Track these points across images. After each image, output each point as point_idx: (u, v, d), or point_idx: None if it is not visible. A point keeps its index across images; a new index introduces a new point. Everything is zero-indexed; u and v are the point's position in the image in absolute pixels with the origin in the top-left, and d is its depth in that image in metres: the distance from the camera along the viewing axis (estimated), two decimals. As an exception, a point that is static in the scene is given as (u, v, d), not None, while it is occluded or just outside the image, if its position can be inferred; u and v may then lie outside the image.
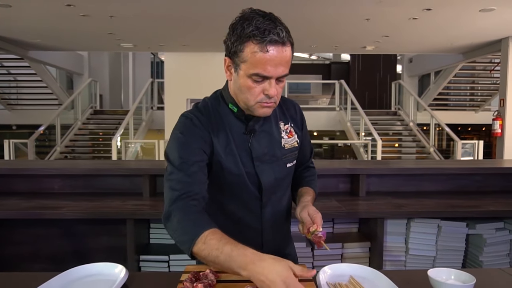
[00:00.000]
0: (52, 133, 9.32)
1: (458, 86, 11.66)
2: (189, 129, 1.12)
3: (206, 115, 1.15)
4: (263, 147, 1.18)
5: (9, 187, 2.46)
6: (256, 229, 1.22)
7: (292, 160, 1.25)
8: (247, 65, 1.03)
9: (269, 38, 1.00)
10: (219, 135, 1.14)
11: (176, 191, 1.04)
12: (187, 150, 1.09)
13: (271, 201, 1.22)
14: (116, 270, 1.10)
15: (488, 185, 2.51)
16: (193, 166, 1.07)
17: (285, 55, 1.03)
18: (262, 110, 1.10)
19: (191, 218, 1.00)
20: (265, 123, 1.20)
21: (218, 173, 1.15)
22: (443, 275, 1.01)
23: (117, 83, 13.37)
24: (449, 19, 6.04)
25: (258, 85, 1.06)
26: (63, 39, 7.69)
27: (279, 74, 1.04)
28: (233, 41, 1.06)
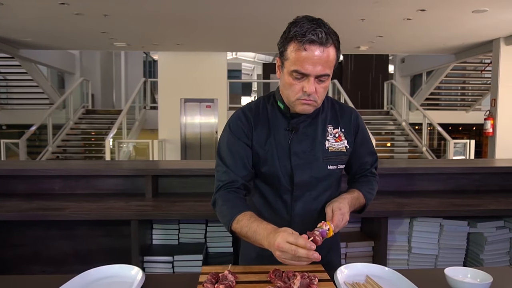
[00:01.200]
0: (44, 133, 9.20)
1: (449, 86, 11.81)
2: (235, 124, 1.28)
3: (254, 111, 1.29)
4: (303, 145, 1.25)
5: (7, 188, 2.42)
6: (285, 220, 1.29)
7: (337, 164, 1.29)
8: (289, 63, 1.14)
9: (307, 38, 1.09)
10: (261, 129, 1.27)
11: (220, 182, 1.24)
12: (232, 144, 1.26)
13: (304, 197, 1.28)
14: (132, 272, 1.10)
15: (486, 184, 2.54)
16: (236, 159, 1.24)
17: (324, 55, 1.11)
18: (301, 107, 1.19)
19: (229, 204, 1.18)
20: (311, 124, 1.27)
21: (257, 162, 1.28)
22: (459, 274, 1.02)
23: (109, 82, 13.25)
24: (443, 20, 6.11)
25: (298, 82, 1.15)
26: (55, 38, 7.60)
27: (318, 72, 1.12)
28: (281, 42, 1.17)
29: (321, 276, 1.06)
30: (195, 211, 2.05)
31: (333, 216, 1.14)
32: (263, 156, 1.26)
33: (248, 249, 1.37)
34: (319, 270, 1.12)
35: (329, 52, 1.12)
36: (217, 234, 2.24)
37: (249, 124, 1.27)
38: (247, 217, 1.12)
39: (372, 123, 10.29)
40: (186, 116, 10.04)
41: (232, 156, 1.24)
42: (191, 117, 10.04)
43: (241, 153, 1.25)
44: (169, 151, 9.59)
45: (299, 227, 1.23)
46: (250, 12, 5.75)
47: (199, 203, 2.15)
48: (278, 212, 1.29)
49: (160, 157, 8.88)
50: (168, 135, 9.55)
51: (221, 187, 1.23)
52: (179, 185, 2.49)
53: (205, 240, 2.26)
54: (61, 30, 6.87)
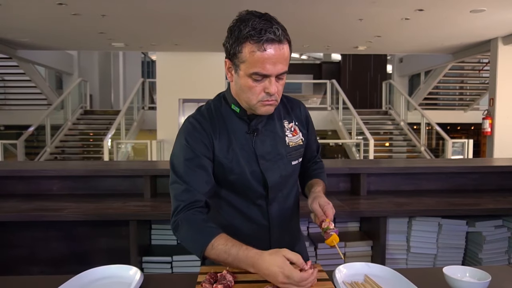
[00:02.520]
0: (42, 134, 9.18)
1: (448, 86, 11.83)
2: (191, 134, 1.16)
3: (208, 118, 1.19)
4: (267, 145, 1.20)
5: (5, 189, 2.41)
6: (264, 225, 1.24)
7: (297, 158, 1.27)
8: (246, 65, 1.07)
9: (265, 37, 1.03)
10: (221, 137, 1.18)
11: (181, 202, 1.11)
12: (191, 158, 1.14)
13: (277, 198, 1.24)
14: (130, 272, 1.09)
15: (484, 183, 2.55)
16: (196, 173, 1.13)
17: (282, 53, 1.06)
18: (264, 109, 1.13)
19: (197, 227, 1.07)
20: (269, 122, 1.22)
21: (222, 173, 1.18)
22: (458, 273, 1.02)
23: (107, 83, 13.23)
24: (441, 19, 6.12)
25: (258, 84, 1.09)
26: (53, 38, 7.58)
27: (278, 71, 1.07)
28: (232, 43, 1.09)
29: (320, 276, 1.06)
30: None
31: (325, 211, 1.14)
32: (227, 165, 1.17)
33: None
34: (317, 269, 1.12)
35: (285, 49, 1.08)
36: (215, 234, 2.24)
37: (207, 133, 1.16)
38: (222, 242, 1.02)
39: (371, 123, 10.30)
40: (184, 117, 9.97)
41: (191, 172, 1.13)
42: (190, 117, 10.01)
43: (202, 168, 1.14)
44: (168, 152, 9.55)
45: (277, 230, 1.25)
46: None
47: (198, 203, 2.15)
48: (254, 219, 1.23)
49: (158, 158, 8.87)
50: (167, 135, 9.53)
51: (182, 208, 1.10)
52: (178, 185, 2.48)
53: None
54: (59, 30, 6.85)
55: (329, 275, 1.09)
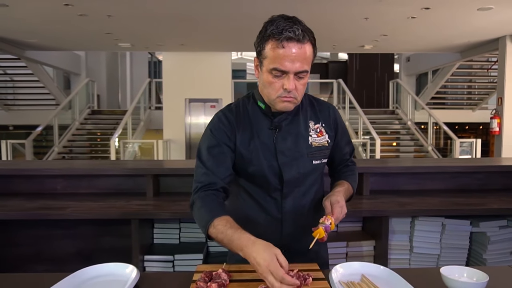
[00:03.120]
0: (50, 134, 9.27)
1: (456, 85, 11.70)
2: (217, 126, 1.27)
3: (235, 112, 1.29)
4: (288, 142, 1.26)
5: (10, 188, 2.44)
6: (277, 218, 1.29)
7: (320, 158, 1.31)
8: (267, 61, 1.15)
9: (285, 35, 1.10)
10: (244, 130, 1.26)
11: (199, 183, 1.22)
12: (213, 146, 1.24)
13: (293, 193, 1.29)
14: (127, 270, 1.10)
15: (489, 183, 2.52)
16: (216, 159, 1.23)
17: (302, 52, 1.13)
18: (282, 105, 1.19)
19: (207, 206, 1.16)
20: (293, 121, 1.29)
21: (242, 164, 1.27)
22: (455, 273, 1.01)
23: (114, 83, 13.32)
24: (448, 18, 6.06)
25: (278, 80, 1.16)
26: (60, 39, 7.65)
27: (296, 69, 1.13)
28: (258, 42, 1.18)
29: (316, 275, 1.06)
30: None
31: (332, 209, 1.16)
32: (247, 157, 1.25)
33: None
34: (314, 269, 1.12)
35: (306, 48, 1.14)
36: (218, 233, 2.24)
37: (231, 126, 1.26)
38: (223, 222, 1.09)
39: (378, 123, 10.24)
40: (190, 116, 10.06)
41: (213, 159, 1.23)
42: (196, 117, 10.06)
43: (222, 155, 1.24)
44: (174, 151, 9.62)
45: (290, 224, 1.28)
46: (253, 12, 5.74)
47: (200, 203, 2.15)
48: (269, 211, 1.29)
49: (165, 157, 8.91)
50: (173, 135, 9.58)
51: (199, 189, 1.21)
52: (180, 185, 2.49)
53: (206, 240, 2.26)
54: (66, 31, 6.92)
55: (326, 274, 1.09)
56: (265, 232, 1.18)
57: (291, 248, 1.26)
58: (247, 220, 1.24)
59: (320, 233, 1.11)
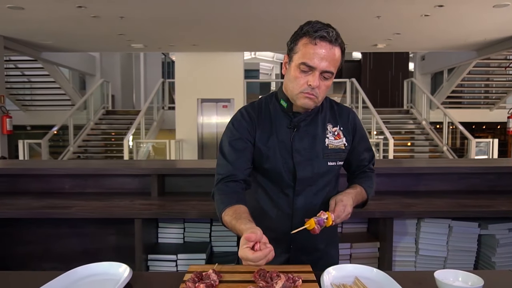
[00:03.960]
0: (66, 134, 9.45)
1: (472, 84, 11.46)
2: (238, 121, 1.34)
3: (257, 109, 1.36)
4: (304, 142, 1.31)
5: (21, 187, 2.50)
6: (287, 214, 1.34)
7: (336, 160, 1.35)
8: (298, 56, 1.21)
9: (319, 34, 1.18)
10: (264, 127, 1.32)
11: (220, 175, 1.29)
12: (234, 139, 1.31)
13: (305, 192, 1.33)
14: (120, 269, 1.11)
15: (501, 184, 2.45)
16: (236, 152, 1.29)
17: (332, 53, 1.19)
18: (304, 101, 1.24)
19: (223, 196, 1.24)
20: (312, 123, 1.33)
21: (259, 159, 1.33)
22: (450, 277, 0.98)
23: (129, 83, 13.49)
24: (462, 15, 5.93)
25: (304, 76, 1.21)
26: (74, 41, 7.78)
27: (323, 68, 1.19)
28: (292, 40, 1.25)
29: (307, 277, 1.05)
30: (199, 210, 2.05)
31: (335, 207, 1.19)
32: (265, 153, 1.31)
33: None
34: (307, 270, 1.10)
35: (335, 51, 1.20)
36: (221, 233, 2.24)
37: (252, 122, 1.33)
38: (230, 212, 1.16)
39: (392, 122, 10.11)
40: (202, 116, 10.11)
41: (233, 151, 1.30)
42: (208, 117, 10.11)
43: (243, 148, 1.30)
44: (186, 151, 9.68)
45: (300, 220, 1.30)
46: (265, 12, 5.73)
47: (204, 202, 2.15)
48: (280, 206, 1.34)
49: (177, 157, 8.98)
50: (185, 135, 9.64)
51: (220, 180, 1.28)
52: (186, 185, 2.50)
53: (210, 239, 2.27)
54: (79, 32, 7.03)
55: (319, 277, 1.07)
56: (276, 227, 1.29)
57: (299, 244, 1.33)
58: (261, 213, 1.33)
59: (311, 224, 1.13)
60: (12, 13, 5.73)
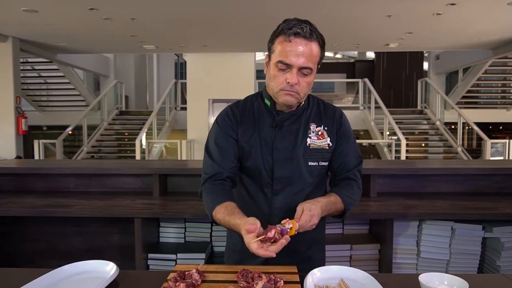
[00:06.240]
0: (80, 134, 9.62)
1: (489, 83, 11.20)
2: (223, 120, 1.35)
3: (241, 108, 1.36)
4: (286, 141, 1.30)
5: (29, 186, 2.56)
6: (266, 213, 1.33)
7: (318, 160, 1.33)
8: (275, 55, 1.22)
9: (292, 30, 1.17)
10: (247, 125, 1.33)
11: (206, 174, 1.31)
12: (219, 138, 1.32)
13: (285, 191, 1.32)
14: (107, 267, 1.12)
15: (508, 186, 2.39)
16: (221, 150, 1.30)
17: (308, 49, 1.18)
18: (285, 98, 1.24)
19: (212, 195, 1.25)
20: (295, 122, 1.32)
21: (242, 156, 1.34)
22: (435, 280, 0.96)
23: (142, 84, 13.64)
24: (475, 13, 5.81)
25: (282, 74, 1.21)
26: (87, 42, 7.91)
27: (300, 64, 1.18)
28: (270, 39, 1.26)
29: (290, 278, 1.04)
30: (200, 210, 2.06)
31: (301, 216, 1.12)
32: (247, 150, 1.31)
33: (232, 243, 1.44)
34: (291, 271, 1.10)
35: (312, 46, 1.19)
36: (222, 233, 2.25)
37: (236, 119, 1.33)
38: (222, 210, 1.18)
39: (405, 123, 9.98)
40: (214, 117, 10.11)
41: (218, 150, 1.31)
42: (219, 117, 10.11)
43: (228, 147, 1.31)
44: (198, 151, 9.73)
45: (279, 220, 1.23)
46: (276, 12, 5.72)
47: (204, 203, 2.16)
48: (259, 205, 1.34)
49: (188, 157, 9.03)
50: (197, 135, 9.69)
51: (207, 180, 1.29)
52: (188, 185, 2.52)
53: (210, 239, 2.28)
54: (92, 34, 7.15)
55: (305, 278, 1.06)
56: None
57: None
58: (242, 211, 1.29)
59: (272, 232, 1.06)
60: (27, 16, 5.87)
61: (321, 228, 1.42)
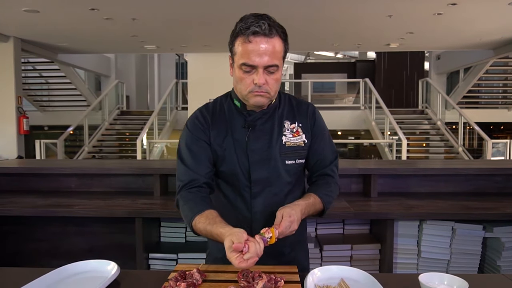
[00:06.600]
0: (81, 134, 9.63)
1: (490, 83, 11.20)
2: (193, 124, 1.29)
3: (211, 110, 1.30)
4: (260, 142, 1.25)
5: (30, 186, 2.56)
6: (246, 217, 1.28)
7: (295, 158, 1.29)
8: (237, 57, 1.17)
9: (251, 30, 1.12)
10: (219, 128, 1.27)
11: (181, 182, 1.25)
12: (191, 143, 1.27)
13: (264, 193, 1.27)
14: (108, 267, 1.13)
15: (509, 186, 2.39)
16: (195, 156, 1.25)
17: (270, 46, 1.13)
18: (255, 99, 1.19)
19: (189, 204, 1.19)
20: (268, 121, 1.27)
21: (216, 161, 1.28)
22: (435, 280, 0.97)
23: (143, 84, 13.66)
24: (476, 13, 5.81)
25: (248, 75, 1.16)
26: (88, 42, 7.93)
27: (265, 63, 1.13)
28: (230, 40, 1.20)
29: (291, 278, 1.04)
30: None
31: (281, 223, 1.08)
32: (221, 154, 1.26)
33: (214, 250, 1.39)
34: (292, 271, 1.10)
35: (274, 43, 1.14)
36: (222, 233, 2.25)
37: (207, 122, 1.28)
38: (202, 219, 1.12)
39: (406, 123, 9.96)
40: (215, 117, 10.12)
41: (191, 155, 1.25)
42: (220, 117, 10.11)
43: (201, 151, 1.26)
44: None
45: (260, 224, 1.24)
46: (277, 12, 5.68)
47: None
48: (239, 210, 1.29)
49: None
50: (198, 135, 9.67)
51: (182, 187, 1.23)
52: (189, 184, 2.52)
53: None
54: (93, 34, 7.16)
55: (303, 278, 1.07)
56: None
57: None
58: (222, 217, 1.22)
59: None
60: (28, 16, 5.88)
61: (302, 229, 1.37)
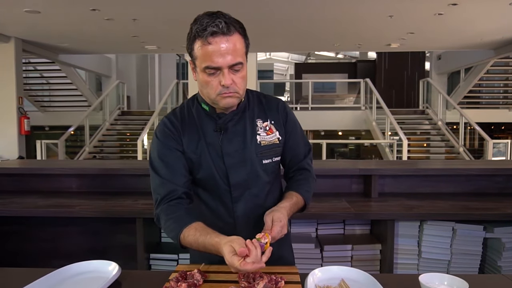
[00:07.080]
0: (82, 134, 9.64)
1: (491, 83, 11.19)
2: (162, 132, 1.23)
3: (180, 117, 1.24)
4: (234, 144, 1.21)
5: (32, 186, 2.57)
6: (230, 223, 1.25)
7: (272, 157, 1.26)
8: (199, 61, 1.11)
9: (208, 31, 1.07)
10: (190, 134, 1.22)
11: (158, 195, 1.19)
12: (164, 153, 1.20)
13: (244, 197, 1.24)
14: (109, 267, 1.13)
15: (509, 187, 2.39)
16: (169, 166, 1.19)
17: (230, 44, 1.09)
18: (225, 101, 1.14)
19: (173, 218, 1.13)
20: (239, 122, 1.24)
21: (192, 169, 1.23)
22: (435, 281, 0.97)
23: (144, 84, 13.66)
24: (477, 14, 5.81)
25: (213, 78, 1.12)
26: (89, 43, 7.94)
27: (228, 63, 1.09)
28: (188, 44, 1.14)
29: (291, 278, 1.05)
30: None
31: (272, 227, 1.08)
32: (196, 161, 1.21)
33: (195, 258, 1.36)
34: (293, 272, 1.10)
35: (234, 40, 1.10)
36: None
37: (177, 130, 1.22)
38: (192, 232, 1.08)
39: (407, 123, 9.96)
40: (215, 117, 10.13)
41: (166, 166, 1.19)
42: (221, 117, 10.11)
43: (175, 161, 1.20)
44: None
45: (244, 228, 1.23)
46: (278, 13, 5.73)
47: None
48: (221, 217, 1.25)
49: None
50: (198, 135, 9.68)
51: (161, 201, 1.18)
52: (189, 185, 2.52)
53: (211, 239, 2.28)
54: (94, 35, 7.17)
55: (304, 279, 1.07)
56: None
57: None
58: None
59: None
60: (29, 17, 5.90)
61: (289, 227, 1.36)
